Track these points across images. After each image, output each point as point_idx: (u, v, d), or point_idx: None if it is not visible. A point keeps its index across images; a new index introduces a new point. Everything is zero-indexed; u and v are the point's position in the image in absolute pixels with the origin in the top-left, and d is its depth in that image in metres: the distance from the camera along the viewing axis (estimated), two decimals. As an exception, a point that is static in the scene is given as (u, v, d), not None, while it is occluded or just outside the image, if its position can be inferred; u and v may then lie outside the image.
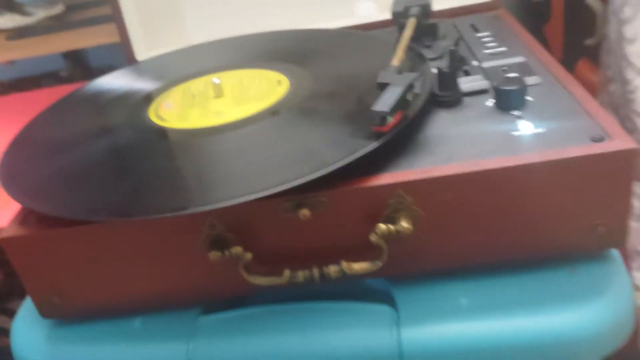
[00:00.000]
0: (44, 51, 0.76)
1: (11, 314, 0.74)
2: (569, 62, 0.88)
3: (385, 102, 0.35)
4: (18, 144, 0.45)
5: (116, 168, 0.39)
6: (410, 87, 0.36)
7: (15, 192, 0.38)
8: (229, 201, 0.32)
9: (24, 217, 0.38)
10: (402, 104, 0.35)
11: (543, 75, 0.42)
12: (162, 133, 0.42)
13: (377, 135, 0.35)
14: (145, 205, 0.34)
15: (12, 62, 0.83)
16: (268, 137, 0.39)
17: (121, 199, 0.35)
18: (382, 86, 0.37)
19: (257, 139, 0.39)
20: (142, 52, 0.60)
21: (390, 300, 0.38)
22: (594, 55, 0.82)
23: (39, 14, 0.79)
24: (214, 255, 0.35)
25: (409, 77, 0.36)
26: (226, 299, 0.40)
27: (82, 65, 0.91)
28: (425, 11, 0.50)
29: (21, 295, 0.72)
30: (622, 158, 0.33)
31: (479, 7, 0.58)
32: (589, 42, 0.83)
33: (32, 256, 0.37)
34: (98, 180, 0.38)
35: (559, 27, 0.88)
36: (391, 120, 0.35)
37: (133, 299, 0.39)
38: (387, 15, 0.59)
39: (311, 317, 0.38)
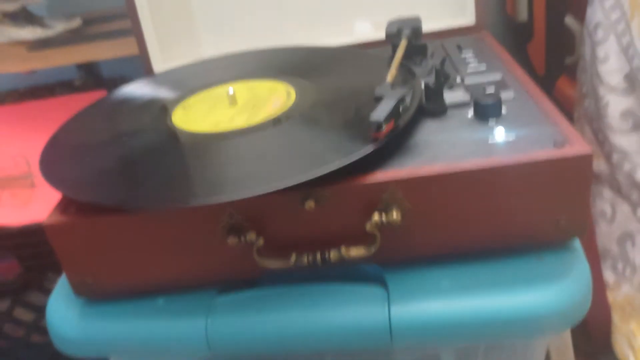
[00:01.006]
0: (63, 62, 0.81)
1: (29, 306, 0.79)
2: (550, 79, 0.94)
3: (380, 113, 0.41)
4: (54, 144, 0.51)
5: (145, 165, 0.45)
6: (401, 99, 0.42)
7: (56, 183, 0.44)
8: (246, 192, 0.38)
9: (65, 207, 0.44)
10: (394, 114, 0.41)
11: (517, 90, 0.49)
12: (185, 135, 0.48)
13: (374, 140, 0.41)
14: (173, 197, 0.40)
15: (32, 72, 0.88)
16: (279, 140, 0.44)
17: (151, 191, 0.41)
18: (378, 99, 0.43)
19: (270, 142, 0.45)
20: (159, 64, 0.66)
21: (382, 283, 0.44)
22: (573, 73, 0.89)
23: (58, 27, 0.85)
24: (231, 240, 0.41)
25: (400, 91, 0.43)
26: (240, 280, 0.46)
27: (95, 76, 0.97)
28: (416, 33, 0.56)
29: (39, 289, 0.78)
30: (580, 161, 0.39)
31: (465, 29, 0.65)
32: (569, 60, 0.90)
33: (71, 241, 0.43)
34: (130, 176, 0.44)
35: (541, 47, 0.95)
36: (385, 128, 0.41)
37: (158, 280, 0.45)
38: (382, 35, 0.66)
39: (313, 296, 0.43)
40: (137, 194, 0.41)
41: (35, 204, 0.76)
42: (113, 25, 0.88)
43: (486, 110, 0.45)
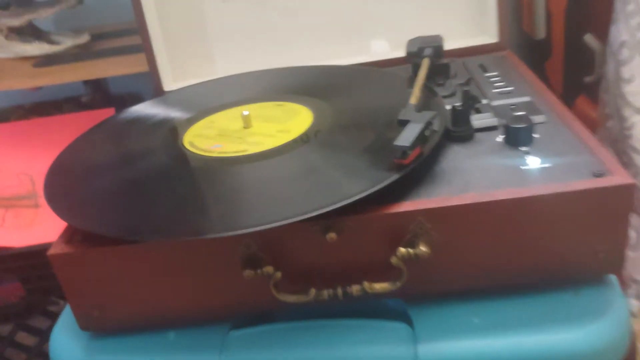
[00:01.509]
0: (70, 79, 0.79)
1: (31, 330, 0.76)
2: (568, 98, 0.92)
3: (406, 138, 0.38)
4: (59, 166, 0.49)
5: (155, 191, 0.43)
6: (428, 124, 0.40)
7: (61, 211, 0.42)
8: (264, 223, 0.36)
9: (70, 236, 0.41)
10: (421, 139, 0.39)
11: (547, 113, 0.46)
12: (196, 159, 0.45)
13: (399, 167, 0.38)
14: (185, 227, 0.38)
15: (38, 89, 0.86)
16: (297, 166, 0.42)
17: (161, 221, 0.39)
18: (403, 123, 0.40)
19: (286, 167, 0.42)
20: (170, 82, 0.64)
21: (406, 319, 0.41)
22: (592, 92, 0.87)
23: (66, 43, 0.83)
24: (247, 273, 0.38)
25: (427, 115, 0.40)
26: (254, 314, 0.43)
27: (102, 92, 0.95)
28: (438, 52, 0.54)
29: (42, 312, 0.75)
30: (621, 192, 0.37)
31: (486, 47, 0.62)
32: (588, 79, 0.88)
33: (76, 272, 0.40)
34: (139, 203, 0.42)
35: (559, 65, 0.92)
36: (411, 154, 0.38)
37: (168, 313, 0.42)
38: (399, 53, 0.64)
39: (334, 333, 0.41)
40: (146, 224, 0.39)
41: (39, 225, 0.74)
42: (122, 41, 0.86)
43: (518, 135, 0.42)
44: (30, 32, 0.86)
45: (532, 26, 0.95)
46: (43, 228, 0.72)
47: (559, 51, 0.91)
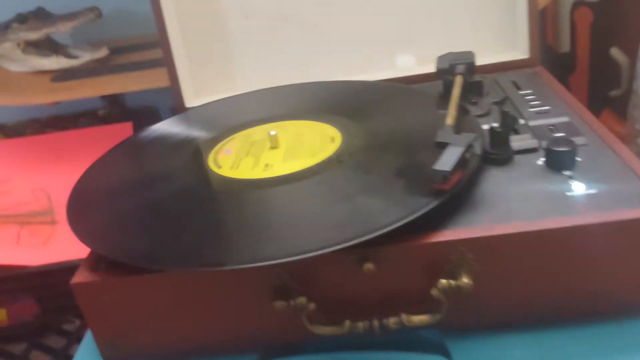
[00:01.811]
0: (88, 94, 0.78)
1: (46, 349, 0.75)
2: (593, 112, 0.90)
3: (446, 162, 0.36)
4: (81, 188, 0.47)
5: (179, 215, 0.41)
6: (469, 147, 0.38)
7: (85, 237, 0.40)
8: (297, 252, 0.34)
9: (94, 263, 0.39)
10: (461, 163, 0.37)
11: (588, 135, 0.44)
12: (222, 182, 0.44)
13: (438, 193, 0.36)
14: (212, 256, 0.36)
15: (55, 103, 0.85)
16: (329, 190, 0.40)
17: (188, 249, 0.37)
18: (441, 145, 0.39)
19: (318, 192, 0.40)
20: (191, 98, 0.63)
21: (443, 351, 0.39)
22: (617, 106, 0.85)
23: (84, 57, 0.82)
24: (279, 305, 0.36)
25: (468, 137, 0.38)
26: (283, 344, 0.41)
27: (119, 106, 0.94)
28: (471, 69, 0.52)
29: (57, 332, 0.74)
30: (674, 221, 0.35)
31: (516, 63, 0.61)
32: (614, 93, 0.86)
33: (100, 301, 0.39)
34: (163, 228, 0.40)
35: (584, 78, 0.90)
36: (451, 179, 0.36)
37: (193, 344, 0.40)
38: (426, 69, 0.62)
39: (368, 366, 0.39)
40: (171, 253, 0.37)
41: (55, 242, 0.72)
42: (141, 55, 0.85)
43: (561, 159, 0.40)
44: (48, 46, 0.85)
45: (556, 39, 0.94)
46: (59, 245, 0.71)
47: (583, 64, 0.90)
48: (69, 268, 0.64)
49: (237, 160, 0.47)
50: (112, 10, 0.93)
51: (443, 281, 0.35)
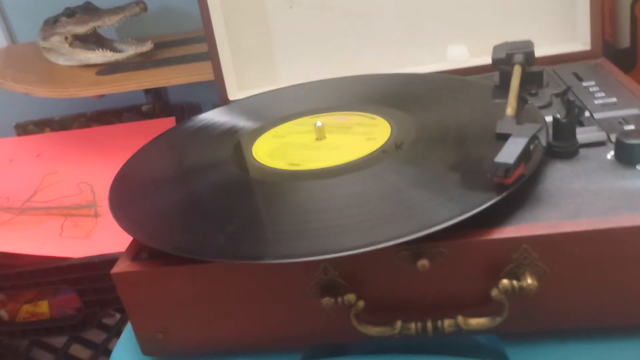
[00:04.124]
0: (133, 87, 0.78)
1: (86, 343, 0.75)
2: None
3: (509, 154, 0.34)
4: (124, 176, 0.46)
5: (224, 206, 0.39)
6: (534, 138, 0.35)
7: (128, 226, 0.39)
8: (348, 248, 0.32)
9: (136, 253, 0.38)
10: (525, 156, 0.34)
11: (661, 128, 0.41)
12: (269, 174, 0.42)
13: (500, 187, 0.34)
14: (259, 249, 0.34)
15: (101, 96, 0.86)
16: (381, 183, 0.38)
17: (233, 240, 0.35)
18: (502, 137, 0.36)
19: (369, 184, 0.38)
20: (235, 91, 0.62)
21: (500, 357, 0.36)
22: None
23: (129, 51, 0.82)
24: (326, 301, 0.34)
25: (532, 128, 0.36)
26: (328, 344, 0.39)
27: (162, 101, 0.93)
28: (529, 58, 0.49)
29: (97, 325, 0.73)
30: None
31: (576, 55, 0.57)
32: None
33: (141, 292, 0.38)
34: (207, 218, 0.38)
35: (645, 76, 0.85)
36: (514, 173, 0.34)
37: (235, 339, 0.39)
38: (480, 61, 0.59)
39: (419, 371, 0.36)
40: (215, 244, 0.35)
41: (97, 235, 0.72)
42: (184, 50, 0.84)
43: (633, 152, 0.37)
44: (94, 40, 0.86)
45: (614, 34, 0.89)
46: (101, 239, 0.71)
47: (645, 61, 0.85)
48: (110, 261, 0.63)
49: (283, 150, 0.45)
50: (157, 8, 0.93)
51: (505, 281, 0.33)
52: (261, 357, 0.39)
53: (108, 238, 0.70)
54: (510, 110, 0.40)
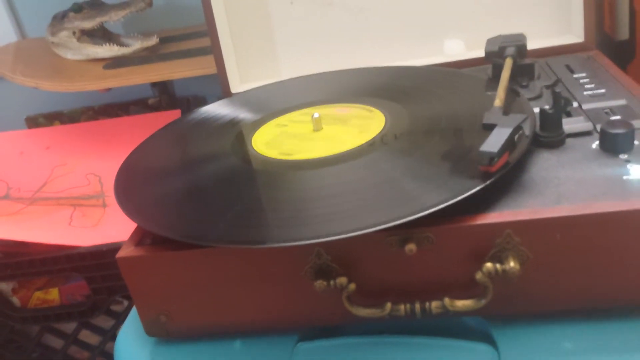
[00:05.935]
0: (139, 80, 0.80)
1: (95, 329, 0.77)
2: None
3: (493, 143, 0.35)
4: (130, 165, 0.48)
5: (224, 194, 0.41)
6: (518, 128, 0.36)
7: (132, 212, 0.41)
8: (339, 232, 0.34)
9: (140, 238, 0.40)
10: (509, 145, 0.36)
11: (647, 118, 0.42)
12: (268, 163, 0.44)
13: (484, 175, 0.35)
14: (256, 234, 0.36)
15: (108, 90, 0.88)
16: (372, 172, 0.40)
17: (232, 226, 0.37)
18: (489, 127, 0.37)
19: (362, 173, 0.40)
20: (237, 84, 0.63)
21: (489, 340, 0.38)
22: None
23: (135, 45, 0.84)
24: (319, 284, 0.36)
25: (516, 118, 0.37)
26: (323, 327, 0.41)
27: (168, 95, 0.95)
28: (521, 51, 0.50)
29: (106, 312, 0.76)
30: None
31: (570, 48, 0.58)
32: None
33: (145, 276, 0.40)
34: (207, 205, 0.40)
35: (644, 67, 0.86)
36: (498, 161, 0.35)
37: (235, 321, 0.40)
38: (475, 54, 0.60)
39: (409, 351, 0.38)
40: (215, 229, 0.37)
41: (105, 225, 0.74)
42: (189, 44, 0.86)
43: (617, 142, 0.38)
44: (101, 35, 0.88)
45: (614, 26, 0.90)
46: (109, 228, 0.73)
47: (644, 53, 0.85)
48: (118, 249, 0.65)
49: (281, 141, 0.47)
50: (162, 3, 0.95)
51: (489, 265, 0.34)
52: (259, 338, 0.41)
53: (116, 227, 0.72)
54: (498, 101, 0.41)
